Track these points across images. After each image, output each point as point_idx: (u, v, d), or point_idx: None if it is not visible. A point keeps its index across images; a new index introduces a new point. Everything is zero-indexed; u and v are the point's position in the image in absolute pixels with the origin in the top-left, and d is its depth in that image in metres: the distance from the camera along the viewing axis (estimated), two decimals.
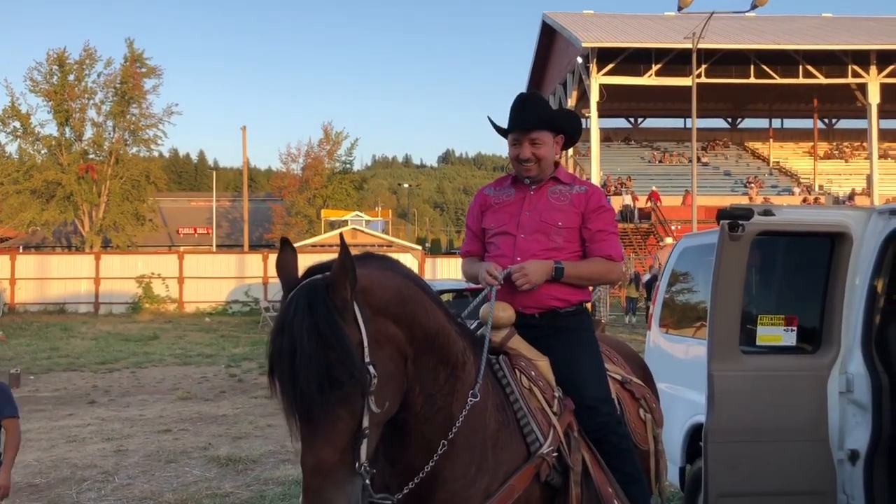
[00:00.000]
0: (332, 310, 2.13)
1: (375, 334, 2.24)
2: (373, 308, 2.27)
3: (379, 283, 2.34)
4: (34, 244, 45.65)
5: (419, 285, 2.55)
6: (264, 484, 7.14)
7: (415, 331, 2.41)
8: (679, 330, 5.97)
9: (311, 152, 49.76)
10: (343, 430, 2.14)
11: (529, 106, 3.17)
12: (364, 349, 2.17)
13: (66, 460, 8.09)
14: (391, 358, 2.31)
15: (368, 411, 2.16)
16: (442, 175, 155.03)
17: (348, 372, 2.09)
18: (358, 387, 2.12)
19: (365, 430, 2.16)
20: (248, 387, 13.16)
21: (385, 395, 2.24)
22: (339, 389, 2.09)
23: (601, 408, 2.98)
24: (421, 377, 2.46)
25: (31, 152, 38.76)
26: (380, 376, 2.20)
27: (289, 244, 2.35)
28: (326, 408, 2.10)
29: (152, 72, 39.35)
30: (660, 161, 46.68)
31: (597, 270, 3.14)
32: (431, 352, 2.48)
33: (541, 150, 3.16)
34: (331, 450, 2.12)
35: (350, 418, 2.14)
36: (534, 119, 3.14)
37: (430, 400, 2.50)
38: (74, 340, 20.33)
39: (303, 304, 2.14)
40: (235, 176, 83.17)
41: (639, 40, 38.06)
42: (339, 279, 2.16)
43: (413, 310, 2.42)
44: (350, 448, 2.15)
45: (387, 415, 2.30)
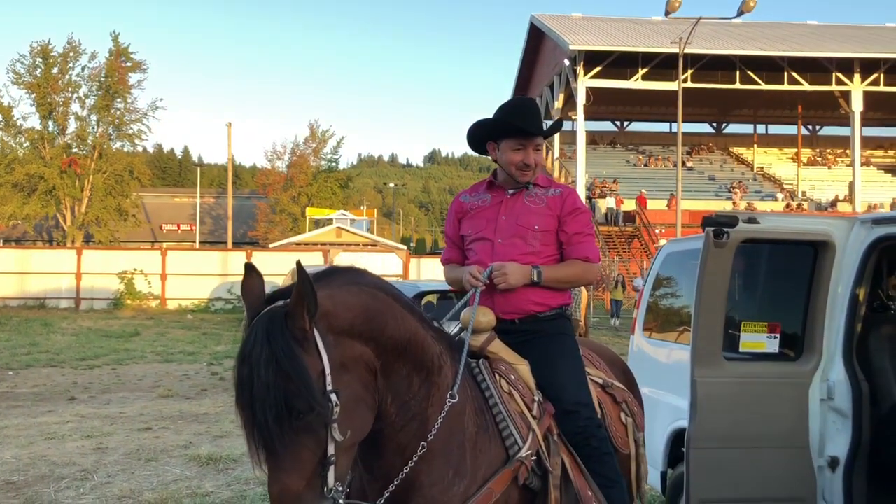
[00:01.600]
0: (289, 340, 2.12)
1: (340, 359, 2.23)
2: (336, 331, 2.25)
3: (343, 304, 2.32)
4: (14, 238, 45.24)
5: (389, 294, 2.52)
6: (245, 484, 7.09)
7: (383, 343, 2.39)
8: (662, 334, 5.99)
9: (297, 150, 49.73)
10: (308, 459, 2.14)
11: (535, 112, 3.18)
12: (326, 377, 2.16)
13: (45, 458, 8.00)
14: (359, 379, 2.30)
15: (332, 440, 2.15)
16: (428, 175, 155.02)
17: (307, 403, 2.09)
18: (319, 417, 2.12)
19: (331, 457, 2.16)
20: (229, 385, 12.91)
21: (351, 421, 2.23)
22: (299, 420, 2.09)
23: (581, 412, 2.98)
24: (393, 387, 2.45)
25: (13, 145, 38.53)
26: (345, 402, 2.19)
27: (254, 269, 2.33)
28: (288, 437, 2.10)
29: (137, 66, 39.18)
30: (645, 164, 46.88)
31: (574, 273, 3.15)
32: (403, 360, 2.47)
33: (539, 157, 3.19)
34: (296, 477, 2.12)
35: (315, 446, 2.14)
36: (540, 126, 3.15)
37: (403, 408, 2.50)
38: (55, 336, 20.15)
39: (262, 335, 2.13)
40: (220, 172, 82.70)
41: (626, 44, 38.21)
42: (296, 309, 2.14)
43: (381, 322, 2.40)
44: (317, 474, 2.15)
45: (357, 438, 2.29)
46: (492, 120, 3.23)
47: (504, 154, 3.17)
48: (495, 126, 3.20)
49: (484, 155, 3.32)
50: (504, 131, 3.16)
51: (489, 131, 3.23)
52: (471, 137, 3.29)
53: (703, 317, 4.04)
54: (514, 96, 50.84)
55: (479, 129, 3.26)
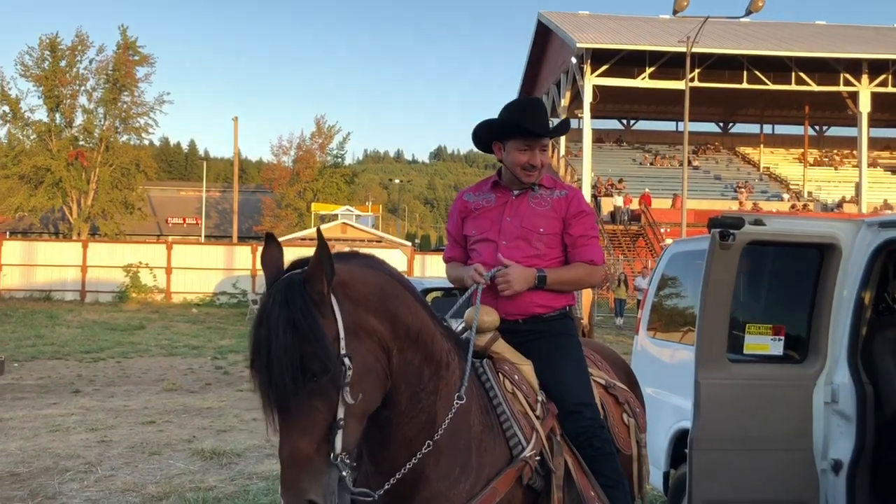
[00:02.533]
0: (307, 302, 2.17)
1: (355, 327, 2.28)
2: (352, 301, 2.31)
3: (360, 279, 2.38)
4: (21, 230, 45.36)
5: (402, 283, 2.58)
6: (248, 478, 7.11)
7: (398, 327, 2.44)
8: (666, 334, 5.98)
9: (303, 145, 49.74)
10: (319, 422, 2.17)
11: (542, 112, 3.14)
12: (340, 342, 2.21)
13: (49, 450, 8.03)
14: (371, 351, 2.33)
15: (343, 403, 2.19)
16: (433, 171, 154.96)
17: (322, 363, 2.13)
18: (332, 378, 2.16)
19: (340, 420, 2.19)
20: (233, 379, 13.12)
21: (362, 388, 2.26)
22: (314, 380, 2.13)
23: (584, 412, 2.98)
24: (406, 374, 2.48)
25: (21, 137, 38.57)
26: (356, 369, 2.23)
27: (273, 239, 2.37)
28: (301, 399, 2.14)
29: (145, 60, 39.20)
30: (651, 163, 46.83)
31: (578, 276, 3.14)
32: (415, 349, 2.51)
33: (545, 157, 3.16)
34: (307, 440, 2.15)
35: (326, 409, 2.18)
36: (546, 126, 3.13)
37: (414, 398, 2.52)
38: (60, 328, 20.20)
39: (280, 298, 2.18)
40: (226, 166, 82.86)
41: (633, 42, 38.14)
42: (315, 272, 2.20)
43: (395, 306, 2.45)
44: (326, 439, 2.18)
45: (366, 407, 2.32)
46: (497, 120, 3.20)
47: (510, 154, 3.15)
48: (501, 126, 3.17)
49: (490, 154, 3.29)
50: (510, 131, 3.13)
51: (495, 131, 3.21)
52: (476, 137, 3.27)
53: (707, 318, 4.04)
54: (521, 94, 50.90)
55: (485, 129, 3.23)
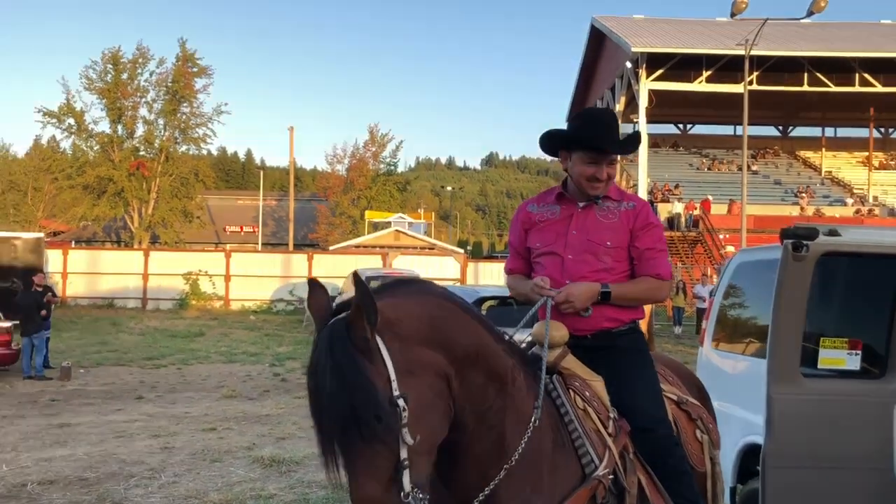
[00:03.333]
0: (351, 350, 2.15)
1: (407, 365, 2.23)
2: (401, 338, 2.26)
3: (406, 312, 2.32)
4: (85, 239, 46.73)
5: (456, 303, 2.52)
6: (307, 486, 7.16)
7: (454, 350, 2.38)
8: (732, 346, 5.84)
9: (357, 154, 50.15)
10: (382, 464, 2.15)
11: (612, 126, 3.07)
12: (392, 384, 2.17)
13: (115, 455, 8.22)
14: (428, 385, 2.29)
15: (404, 444, 2.16)
16: (485, 178, 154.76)
17: (372, 411, 2.10)
18: (386, 424, 2.12)
19: (404, 461, 2.16)
20: (291, 386, 13.26)
21: (423, 425, 2.22)
22: (367, 428, 2.11)
23: (657, 429, 2.91)
24: (470, 396, 2.43)
25: (85, 149, 39.75)
26: (413, 408, 2.19)
27: (318, 284, 2.36)
28: (359, 445, 2.13)
29: (203, 71, 40.01)
30: (708, 168, 45.99)
31: (644, 290, 3.06)
32: (476, 369, 2.45)
33: (613, 170, 3.08)
34: (372, 483, 2.14)
35: (387, 452, 2.15)
36: (615, 141, 3.05)
37: (481, 418, 2.47)
38: (123, 335, 20.73)
39: (325, 346, 2.17)
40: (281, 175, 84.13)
41: (689, 46, 37.52)
42: (356, 318, 2.17)
43: (448, 330, 2.39)
44: (393, 480, 2.16)
45: (432, 442, 2.29)
46: (566, 131, 3.15)
47: (576, 165, 3.07)
48: (569, 137, 3.12)
49: (555, 157, 3.22)
50: (578, 143, 3.07)
51: (563, 140, 3.15)
52: (544, 142, 3.21)
53: (780, 332, 3.91)
54: (574, 99, 50.53)
55: (553, 137, 3.19)
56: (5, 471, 7.59)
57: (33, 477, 7.37)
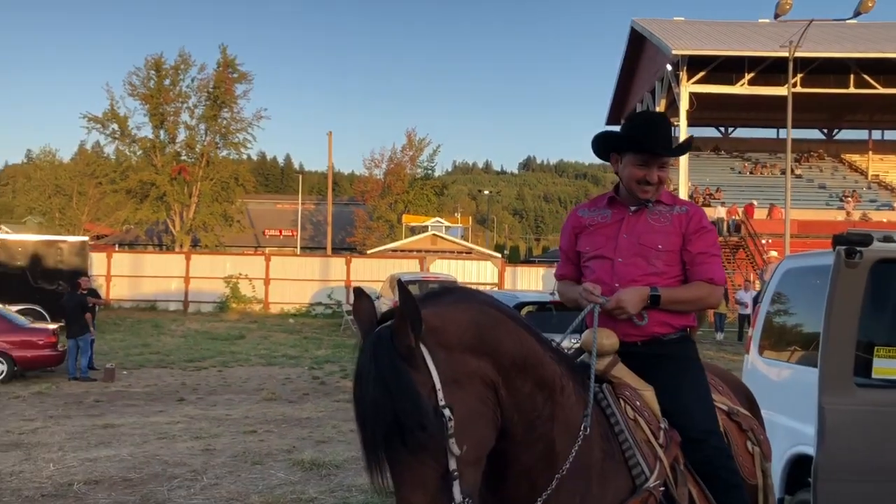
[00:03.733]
0: (395, 358, 2.13)
1: (453, 374, 2.20)
2: (446, 347, 2.23)
3: (451, 320, 2.29)
4: (128, 242, 47.56)
5: (501, 311, 2.48)
6: (347, 490, 7.17)
7: (500, 358, 2.34)
8: (779, 354, 5.72)
9: (394, 158, 50.31)
10: (429, 475, 2.12)
11: (665, 130, 3.03)
12: (437, 393, 2.14)
13: (158, 457, 8.33)
14: (475, 394, 2.25)
15: (452, 455, 2.13)
16: (522, 182, 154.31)
17: (417, 421, 2.08)
18: (431, 434, 2.10)
19: (453, 472, 2.13)
20: (330, 390, 13.33)
21: (470, 435, 2.19)
22: (413, 437, 2.08)
23: (709, 440, 2.84)
24: (518, 404, 2.40)
25: (128, 154, 40.45)
26: (460, 417, 2.16)
27: (363, 293, 2.34)
28: (405, 455, 2.10)
29: (243, 77, 40.51)
30: (750, 172, 45.29)
31: (696, 295, 2.99)
32: (524, 377, 2.41)
33: (664, 174, 3.03)
34: (420, 494, 2.11)
35: (434, 463, 2.12)
36: (668, 144, 3.00)
37: (529, 427, 2.44)
38: (165, 337, 21.04)
39: (369, 355, 2.16)
40: (320, 179, 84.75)
41: (731, 48, 37.01)
42: (400, 326, 2.15)
43: (495, 337, 2.36)
44: (441, 490, 2.13)
45: (480, 452, 2.25)
46: (617, 133, 3.11)
47: (626, 168, 3.03)
48: (620, 139, 3.08)
49: (606, 161, 3.18)
50: (629, 145, 3.03)
51: (614, 143, 3.12)
52: (596, 144, 3.18)
53: (832, 340, 3.82)
54: (613, 103, 50.11)
55: (604, 139, 3.16)
56: (52, 470, 7.74)
57: (79, 476, 7.49)
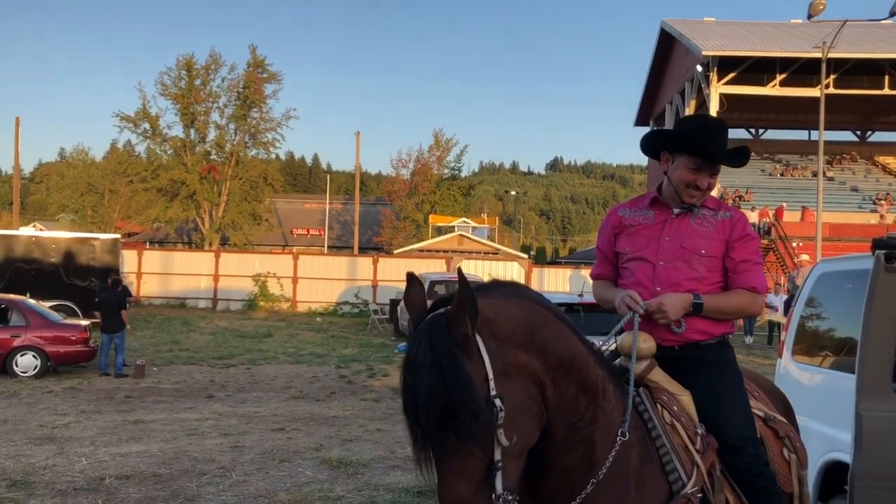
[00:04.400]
0: (451, 346, 2.12)
1: (504, 366, 2.21)
2: (498, 339, 2.23)
3: (504, 313, 2.30)
4: (158, 240, 48.13)
5: (550, 310, 2.48)
6: (374, 489, 7.18)
7: (549, 357, 2.34)
8: (813, 359, 5.64)
9: (422, 158, 50.39)
10: (475, 465, 2.13)
11: (723, 136, 2.97)
12: (490, 383, 2.14)
13: (187, 453, 8.40)
14: (523, 389, 2.26)
15: (498, 445, 2.13)
16: (549, 182, 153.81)
17: (470, 409, 2.08)
18: (483, 423, 2.10)
19: (498, 462, 2.13)
20: (357, 389, 13.37)
21: (517, 427, 2.20)
22: (463, 426, 2.08)
23: (747, 447, 2.81)
24: (562, 406, 2.39)
25: (159, 152, 40.91)
26: (509, 409, 2.16)
27: (415, 279, 2.34)
28: (454, 443, 2.10)
29: (273, 77, 40.81)
30: (781, 174, 44.76)
31: (738, 303, 2.95)
32: (569, 378, 2.41)
33: (714, 181, 2.99)
34: (464, 483, 2.11)
35: (481, 453, 2.13)
36: (723, 151, 2.95)
37: (572, 430, 2.43)
38: (194, 334, 21.25)
39: (424, 342, 2.15)
40: (347, 179, 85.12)
41: (763, 49, 36.62)
42: (457, 315, 2.14)
43: (544, 336, 2.36)
44: (485, 481, 2.13)
45: (524, 446, 2.26)
46: (674, 132, 3.06)
47: (677, 170, 2.99)
48: (676, 139, 3.03)
49: (654, 159, 3.14)
50: (684, 147, 2.98)
51: (668, 141, 3.07)
52: (646, 141, 3.14)
53: (870, 346, 3.76)
54: (642, 104, 49.78)
55: (659, 137, 3.12)
56: (85, 464, 7.84)
57: (110, 471, 7.59)
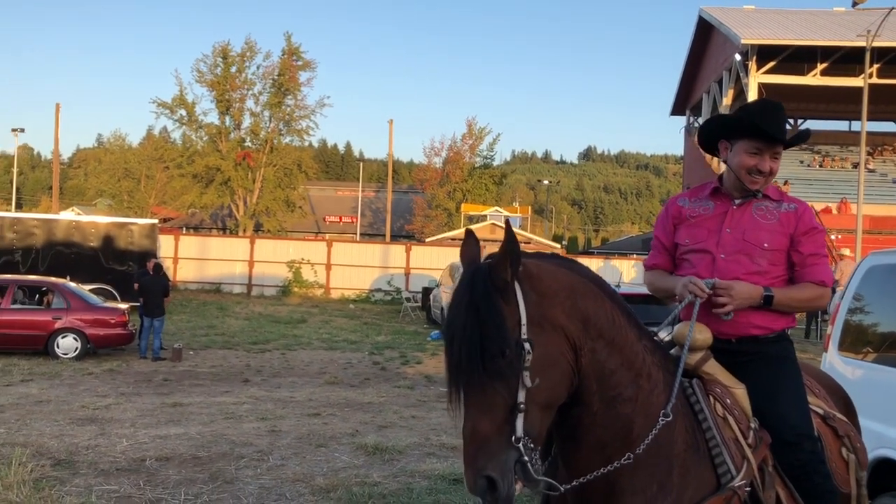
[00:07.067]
0: (490, 288, 2.25)
1: (539, 318, 2.31)
2: (539, 293, 2.34)
3: (549, 274, 2.41)
4: (193, 225, 48.68)
5: (602, 289, 2.54)
6: (410, 476, 7.20)
7: (588, 325, 2.41)
8: (860, 353, 5.53)
9: (454, 146, 50.27)
10: (499, 403, 2.22)
11: (782, 117, 2.91)
12: (522, 328, 2.25)
13: (225, 436, 8.50)
14: (555, 344, 2.34)
15: (523, 386, 2.22)
16: (582, 172, 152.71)
17: (499, 345, 2.19)
18: (509, 361, 2.20)
19: (521, 404, 2.22)
20: (390, 375, 13.43)
21: (543, 375, 2.27)
22: (492, 360, 2.19)
23: (803, 444, 2.74)
24: (598, 375, 2.44)
25: (194, 139, 41.30)
26: (537, 356, 2.26)
27: (472, 235, 2.46)
28: (482, 378, 2.20)
29: (307, 65, 40.96)
30: (820, 165, 43.97)
31: (808, 297, 2.89)
32: (609, 352, 2.45)
33: (776, 165, 2.92)
34: (487, 420, 2.21)
35: (505, 392, 2.22)
36: (783, 131, 2.88)
37: (608, 403, 2.46)
38: (229, 319, 21.48)
39: (467, 283, 2.30)
40: (379, 167, 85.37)
41: (804, 37, 35.90)
42: (500, 261, 2.28)
43: (587, 306, 2.42)
44: (507, 421, 2.21)
45: (549, 397, 2.31)
46: (731, 117, 3.00)
47: (737, 156, 2.92)
48: (734, 124, 2.96)
49: (711, 154, 3.08)
50: (742, 131, 2.90)
51: (726, 128, 3.00)
52: (706, 129, 3.08)
53: None
54: (680, 92, 49.13)
55: (716, 125, 3.06)
56: (125, 445, 7.97)
57: (151, 453, 7.70)
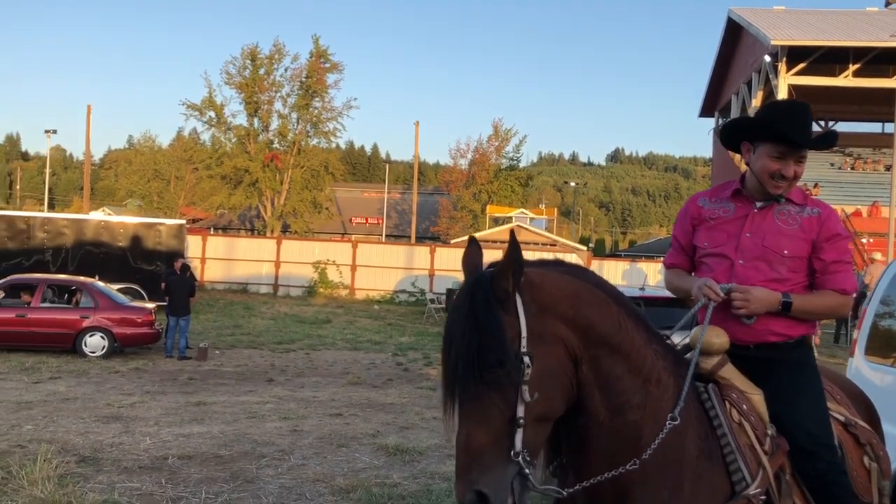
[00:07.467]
0: (490, 298, 2.22)
1: (539, 331, 2.27)
2: (540, 304, 2.30)
3: (553, 283, 2.36)
4: (221, 226, 49.11)
5: (608, 293, 2.49)
6: (430, 477, 7.20)
7: (590, 335, 2.37)
8: (888, 359, 5.44)
9: (480, 148, 50.20)
10: (495, 415, 2.18)
11: (807, 120, 2.80)
12: (521, 340, 2.22)
13: (247, 435, 8.55)
14: (555, 357, 2.30)
15: (522, 401, 2.18)
16: (609, 174, 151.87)
17: (497, 356, 2.15)
18: (507, 373, 2.16)
19: (520, 419, 2.18)
20: (413, 377, 13.43)
21: (542, 389, 2.23)
22: (489, 371, 2.15)
23: (822, 453, 2.68)
24: (603, 385, 2.40)
25: (223, 140, 41.70)
26: (536, 369, 2.22)
27: (475, 241, 2.47)
28: (479, 389, 2.17)
29: (335, 67, 41.19)
30: (851, 167, 43.33)
31: (829, 305, 2.80)
32: (615, 360, 2.41)
33: (801, 169, 2.82)
34: (481, 432, 2.17)
35: (503, 404, 2.18)
36: (809, 135, 2.79)
37: (616, 411, 2.42)
38: (255, 319, 21.62)
39: (467, 291, 2.27)
40: (406, 169, 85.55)
41: (836, 38, 35.40)
42: (502, 271, 2.24)
43: (591, 315, 2.38)
44: (505, 434, 2.18)
45: (546, 411, 2.27)
46: (754, 119, 2.92)
47: (760, 159, 2.82)
48: (757, 126, 2.87)
49: (734, 152, 3.00)
50: (766, 134, 2.81)
51: (748, 130, 2.91)
52: (726, 131, 2.99)
53: None
54: (708, 94, 48.67)
55: (738, 126, 2.97)
56: (149, 444, 8.04)
57: (173, 451, 7.76)
